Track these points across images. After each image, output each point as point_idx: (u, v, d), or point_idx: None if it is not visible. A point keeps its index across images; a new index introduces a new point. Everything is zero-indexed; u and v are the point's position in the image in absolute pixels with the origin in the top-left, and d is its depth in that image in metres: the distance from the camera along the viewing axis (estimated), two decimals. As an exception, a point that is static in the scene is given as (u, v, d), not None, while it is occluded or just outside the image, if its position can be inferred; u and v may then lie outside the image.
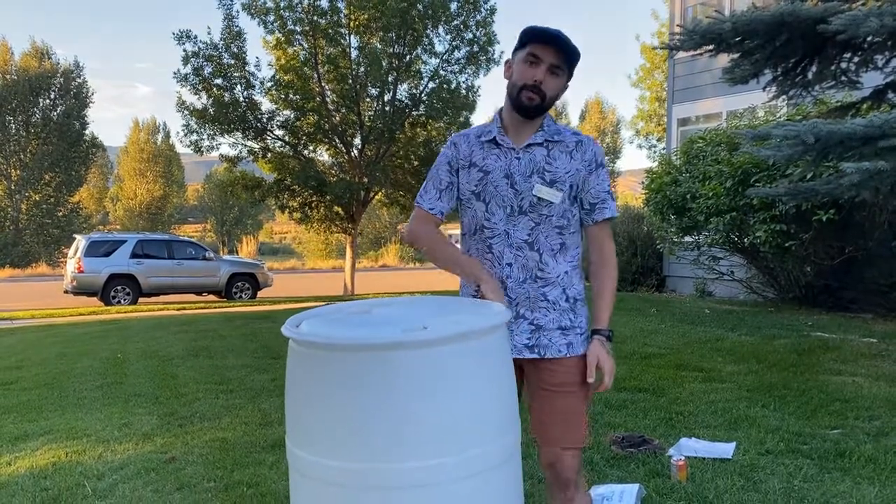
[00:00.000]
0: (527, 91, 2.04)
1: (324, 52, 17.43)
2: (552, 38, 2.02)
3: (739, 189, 7.96)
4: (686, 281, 11.54)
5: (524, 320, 2.11)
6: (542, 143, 2.11)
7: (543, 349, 2.10)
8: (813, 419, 4.20)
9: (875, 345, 6.37)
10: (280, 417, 4.58)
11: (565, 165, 2.10)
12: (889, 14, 4.31)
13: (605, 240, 2.16)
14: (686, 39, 5.54)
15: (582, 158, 2.11)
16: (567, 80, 2.12)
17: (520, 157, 2.10)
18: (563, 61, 2.05)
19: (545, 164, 2.09)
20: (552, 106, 2.13)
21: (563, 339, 2.11)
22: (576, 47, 2.05)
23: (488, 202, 2.12)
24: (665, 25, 24.14)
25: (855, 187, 5.01)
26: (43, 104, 37.89)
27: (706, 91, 11.86)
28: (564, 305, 2.12)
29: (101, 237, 16.77)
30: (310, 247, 44.59)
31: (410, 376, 1.52)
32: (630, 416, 4.35)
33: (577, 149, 2.12)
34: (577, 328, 2.13)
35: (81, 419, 4.78)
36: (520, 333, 2.11)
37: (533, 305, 2.11)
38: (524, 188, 2.08)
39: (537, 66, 2.04)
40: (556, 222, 2.10)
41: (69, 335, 9.55)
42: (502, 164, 2.11)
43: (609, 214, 2.14)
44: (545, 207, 2.08)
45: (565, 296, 2.13)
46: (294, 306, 13.09)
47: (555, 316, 2.11)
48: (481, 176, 2.12)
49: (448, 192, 2.19)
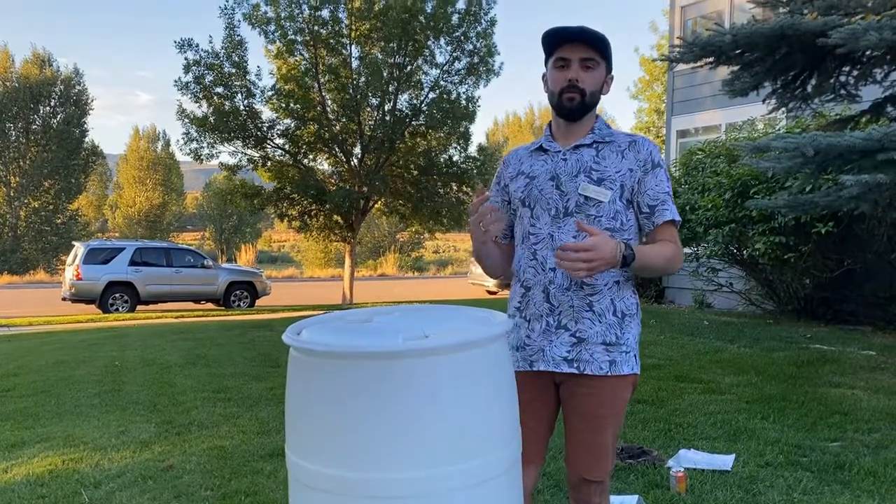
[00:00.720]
0: (566, 93, 1.97)
1: (325, 61, 17.49)
2: (573, 34, 1.95)
3: (738, 201, 7.98)
4: (685, 292, 11.54)
5: (566, 331, 1.97)
6: (591, 144, 2.01)
7: (584, 364, 1.95)
8: (812, 431, 4.20)
9: (874, 357, 6.37)
10: (278, 426, 4.57)
11: (615, 164, 1.97)
12: (888, 28, 4.33)
13: (668, 244, 1.98)
14: (686, 52, 5.56)
15: (636, 158, 1.98)
16: (607, 70, 2.02)
17: (566, 158, 2.01)
18: (593, 51, 1.96)
19: (593, 164, 1.98)
20: (597, 101, 2.02)
21: (606, 356, 1.95)
22: (601, 34, 1.96)
23: (533, 207, 2.03)
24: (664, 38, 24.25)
25: (854, 200, 5.02)
26: (43, 111, 37.92)
27: (705, 103, 11.90)
28: (612, 319, 1.96)
29: (99, 244, 16.76)
30: (308, 255, 44.53)
31: (411, 385, 1.51)
32: (629, 427, 4.34)
33: (629, 148, 1.99)
34: (623, 345, 1.97)
35: (78, 427, 4.76)
36: (559, 345, 1.97)
37: (577, 315, 1.96)
38: (570, 188, 1.97)
39: (568, 68, 1.97)
40: (606, 224, 1.95)
41: (67, 342, 9.53)
42: (548, 167, 2.03)
43: (671, 216, 1.97)
44: (593, 207, 1.95)
45: (613, 308, 1.97)
46: (292, 315, 13.08)
47: (600, 329, 1.95)
48: (527, 181, 2.05)
49: (501, 210, 2.15)
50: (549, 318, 1.99)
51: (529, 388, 1.97)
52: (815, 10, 5.41)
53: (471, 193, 19.50)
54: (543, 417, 2.05)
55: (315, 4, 17.03)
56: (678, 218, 2.01)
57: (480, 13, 17.83)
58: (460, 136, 18.63)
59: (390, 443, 1.50)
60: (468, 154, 19.12)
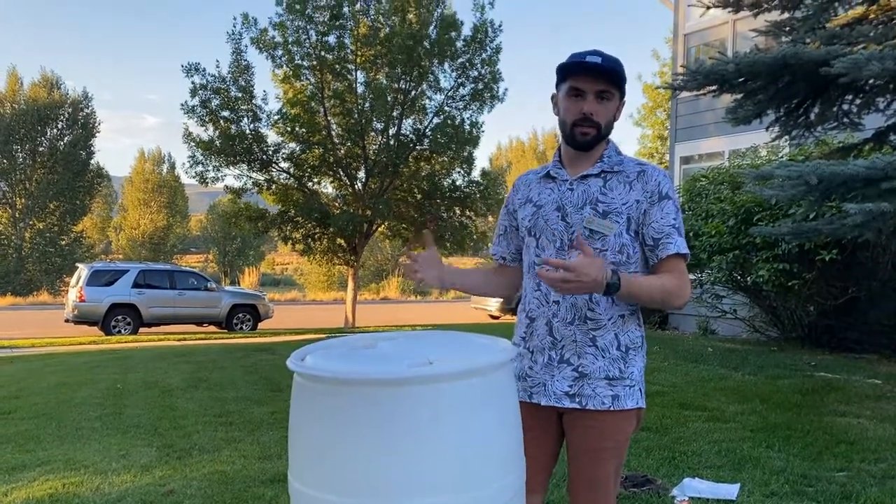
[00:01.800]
0: (579, 126, 1.93)
1: (330, 86, 17.64)
2: (590, 67, 1.89)
3: (742, 228, 7.99)
4: (689, 319, 11.50)
5: (568, 365, 1.94)
6: (599, 174, 1.96)
7: (586, 399, 1.92)
8: (818, 461, 4.16)
9: (879, 386, 6.32)
10: (279, 451, 4.54)
11: (622, 196, 1.93)
12: (890, 58, 4.36)
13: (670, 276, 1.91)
14: (689, 80, 5.60)
15: (643, 189, 1.92)
16: (620, 98, 1.97)
17: (573, 188, 1.97)
18: (609, 84, 1.91)
19: (599, 195, 1.94)
20: (608, 134, 1.99)
21: (609, 391, 1.92)
22: (617, 64, 1.91)
23: (539, 237, 2.00)
24: (667, 65, 24.41)
25: (858, 228, 5.02)
26: (50, 134, 38.19)
27: (708, 130, 11.95)
28: (615, 353, 1.93)
29: (103, 266, 16.80)
30: (311, 278, 44.51)
31: (415, 412, 1.51)
32: (633, 455, 4.31)
33: (638, 179, 1.94)
34: (626, 379, 1.94)
35: (79, 450, 4.74)
36: (561, 380, 1.95)
37: (580, 350, 1.93)
38: (576, 220, 1.94)
39: (583, 99, 1.91)
40: (612, 258, 1.92)
41: (69, 364, 9.51)
42: (555, 196, 1.99)
43: (675, 250, 1.90)
44: (598, 241, 1.92)
45: (617, 342, 1.93)
46: (294, 338, 13.05)
47: (603, 364, 1.92)
48: (534, 210, 2.02)
49: (506, 235, 2.16)
50: (551, 351, 1.97)
51: (530, 418, 1.94)
52: (817, 40, 5.46)
53: (474, 218, 19.56)
54: (546, 447, 2.04)
55: (322, 30, 17.23)
56: (685, 251, 1.93)
57: (486, 40, 18.01)
58: (464, 160, 18.73)
59: (394, 470, 1.49)
60: (471, 178, 19.21)
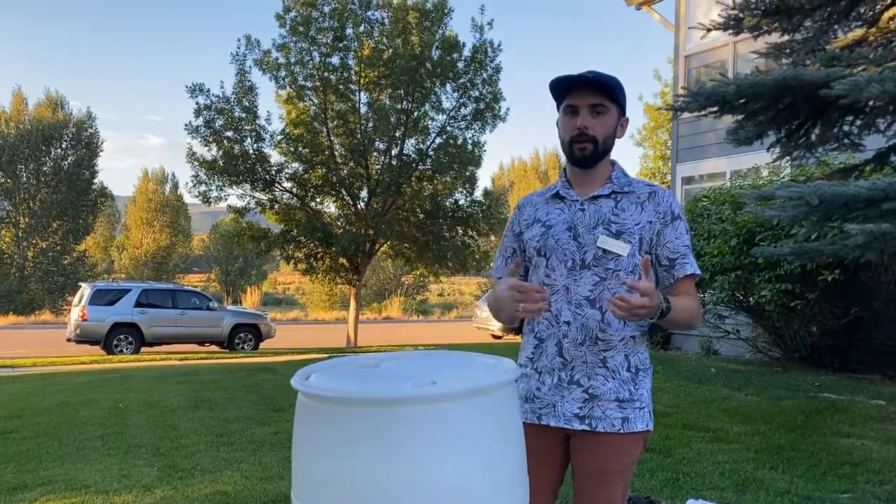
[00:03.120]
0: (576, 143, 1.95)
1: (333, 107, 17.76)
2: (579, 80, 1.92)
3: (744, 248, 7.99)
4: (691, 339, 11.48)
5: (578, 387, 1.93)
6: (610, 195, 1.98)
7: (596, 421, 1.91)
8: (822, 482, 4.14)
9: (884, 407, 6.30)
10: (281, 472, 4.52)
11: (635, 217, 1.94)
12: (890, 80, 4.40)
13: (690, 297, 1.95)
14: (691, 101, 5.64)
15: (655, 210, 1.95)
16: (621, 113, 1.99)
17: (584, 208, 1.98)
18: (602, 97, 1.94)
19: (611, 216, 1.95)
20: (611, 147, 2.00)
21: (619, 413, 1.91)
22: (609, 78, 1.94)
23: (549, 257, 1.99)
24: (668, 86, 24.55)
25: (860, 248, 5.03)
26: (54, 153, 38.39)
27: (710, 150, 12.00)
28: (626, 375, 1.93)
29: (105, 286, 16.82)
30: (313, 298, 44.49)
31: (419, 432, 1.51)
32: (637, 476, 4.29)
33: (649, 200, 1.96)
34: (636, 401, 1.93)
35: (81, 470, 4.72)
36: (571, 401, 1.94)
37: (590, 371, 1.93)
38: (588, 240, 1.94)
39: (577, 115, 1.94)
40: (624, 277, 1.92)
41: (71, 384, 9.49)
42: (565, 216, 1.99)
43: (691, 270, 1.93)
44: (611, 261, 1.92)
45: (627, 363, 1.93)
46: (296, 358, 13.02)
47: (613, 385, 1.92)
48: (543, 231, 2.01)
49: (513, 257, 2.13)
50: (561, 372, 1.96)
51: (538, 440, 1.94)
52: (817, 62, 5.50)
53: (476, 237, 19.57)
54: (551, 468, 2.03)
55: (325, 52, 17.37)
56: (699, 272, 1.96)
57: (486, 60, 18.14)
58: (466, 180, 18.79)
59: (397, 490, 1.49)
60: (474, 198, 19.26)
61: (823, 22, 5.99)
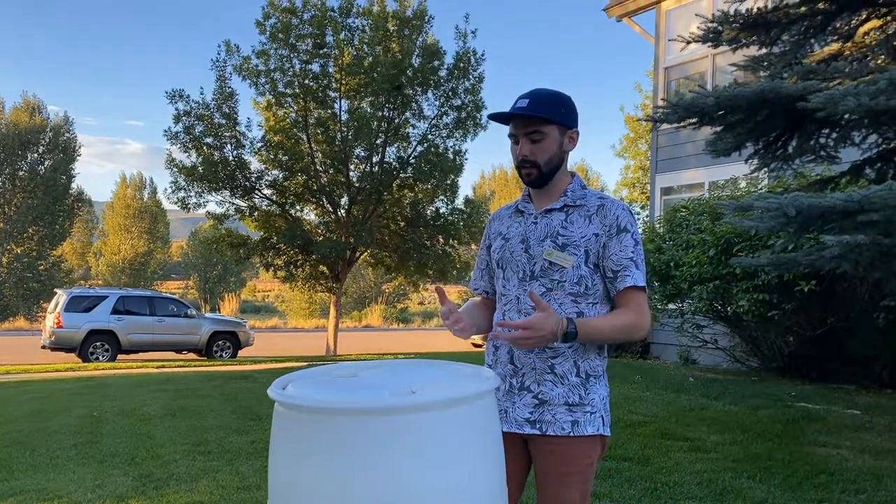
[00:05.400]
0: (522, 169, 2.04)
1: (313, 114, 17.71)
2: (508, 115, 2.01)
3: (722, 258, 8.05)
4: (670, 348, 11.54)
5: (528, 393, 2.00)
6: (561, 208, 2.06)
7: (546, 425, 1.98)
8: (799, 491, 4.17)
9: (858, 416, 6.37)
10: (258, 481, 4.47)
11: (581, 230, 2.02)
12: (865, 94, 4.45)
13: (627, 311, 2.00)
14: (670, 113, 5.68)
15: (602, 223, 2.01)
16: (566, 127, 2.04)
17: (537, 221, 2.07)
18: (537, 124, 2.00)
19: (560, 228, 2.03)
20: (558, 166, 2.05)
21: (568, 416, 1.98)
22: (546, 102, 1.99)
23: (505, 268, 2.10)
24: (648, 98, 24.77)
25: (836, 259, 5.08)
26: (31, 158, 37.93)
27: (689, 162, 12.10)
28: (574, 380, 1.99)
29: (82, 292, 16.60)
30: (293, 305, 44.25)
31: (398, 442, 1.50)
32: (615, 485, 4.29)
33: (597, 213, 2.03)
34: (586, 405, 1.99)
35: (53, 480, 4.64)
36: (522, 407, 2.01)
37: (539, 378, 1.99)
38: (537, 252, 2.03)
39: (518, 143, 2.03)
40: (570, 289, 2.00)
41: (44, 392, 9.35)
42: (521, 229, 2.09)
43: (631, 283, 1.98)
44: (557, 272, 2.00)
45: (576, 369, 1.99)
46: (275, 366, 12.92)
47: (562, 391, 1.98)
48: (503, 243, 2.12)
49: (488, 270, 2.23)
50: (512, 379, 2.04)
51: None
52: (794, 75, 5.56)
53: (457, 246, 19.58)
54: (513, 474, 2.04)
55: (305, 59, 17.33)
56: (642, 283, 1.99)
57: (469, 68, 18.17)
58: (447, 188, 18.80)
59: (377, 500, 1.48)
60: (455, 206, 19.26)
61: (800, 36, 6.06)
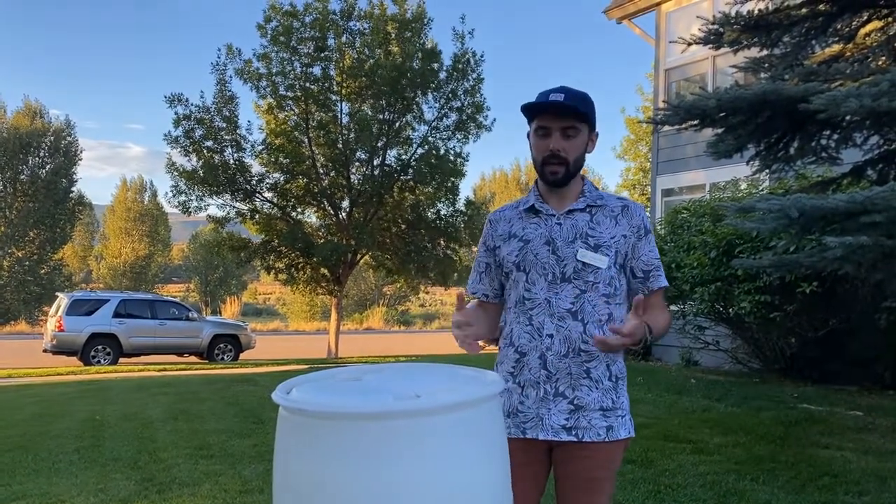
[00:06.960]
0: (548, 165, 1.98)
1: (314, 117, 17.73)
2: (550, 104, 1.94)
3: (724, 259, 8.05)
4: (672, 350, 11.53)
5: (563, 399, 1.95)
6: (585, 209, 2.02)
7: (582, 431, 1.94)
8: (802, 493, 4.16)
9: (861, 418, 6.35)
10: (261, 485, 4.47)
11: (610, 230, 1.99)
12: (867, 95, 4.45)
13: (662, 309, 2.04)
14: (671, 115, 5.68)
15: (629, 224, 2.00)
16: (590, 131, 2.01)
17: (561, 222, 2.00)
18: (574, 120, 1.96)
19: (588, 229, 1.99)
20: (582, 165, 2.03)
21: (603, 422, 1.95)
22: (580, 100, 1.95)
23: (528, 271, 2.01)
24: (649, 100, 24.77)
25: (838, 261, 5.08)
26: (32, 162, 37.95)
27: (690, 163, 12.09)
28: (608, 384, 1.96)
29: (83, 296, 16.64)
30: (294, 308, 44.24)
31: (402, 446, 1.50)
32: (618, 488, 4.28)
33: (623, 214, 2.01)
34: (619, 409, 1.97)
35: (56, 484, 4.64)
36: (557, 413, 1.95)
37: (575, 383, 1.95)
38: (567, 254, 1.97)
39: (549, 137, 1.96)
40: (604, 290, 1.97)
41: (46, 395, 9.35)
42: (542, 230, 2.01)
43: (664, 283, 2.02)
44: (591, 273, 1.96)
45: (609, 373, 1.97)
46: (277, 369, 12.93)
47: (597, 395, 1.95)
48: (521, 245, 2.03)
49: (488, 273, 2.15)
50: (546, 385, 1.97)
51: (522, 454, 1.94)
52: (795, 77, 5.56)
53: (458, 249, 19.58)
54: (537, 482, 2.03)
55: (306, 62, 17.35)
56: (667, 284, 2.06)
57: (468, 70, 18.19)
58: (448, 190, 18.81)
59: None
60: (456, 208, 19.27)
61: (802, 37, 6.06)
